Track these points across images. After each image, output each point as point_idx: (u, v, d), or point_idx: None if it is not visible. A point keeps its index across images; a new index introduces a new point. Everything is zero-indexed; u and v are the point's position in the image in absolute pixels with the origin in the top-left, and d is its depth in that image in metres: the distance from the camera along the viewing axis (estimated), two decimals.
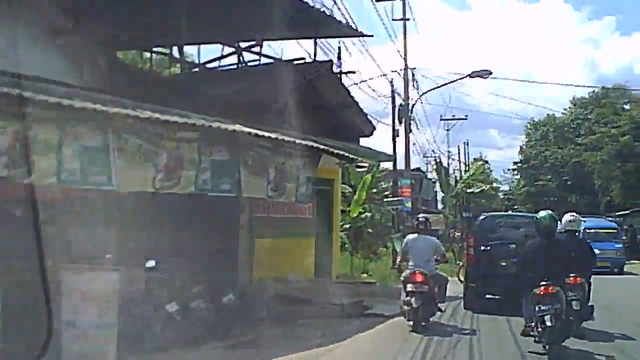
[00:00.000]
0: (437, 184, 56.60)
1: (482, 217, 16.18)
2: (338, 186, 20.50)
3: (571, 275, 10.33)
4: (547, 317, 9.07)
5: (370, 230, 33.18)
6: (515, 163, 71.94)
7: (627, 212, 46.53)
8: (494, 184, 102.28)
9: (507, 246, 14.02)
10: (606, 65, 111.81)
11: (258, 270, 14.01)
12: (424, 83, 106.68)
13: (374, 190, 35.74)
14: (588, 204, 61.79)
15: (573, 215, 11.74)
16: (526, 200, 68.97)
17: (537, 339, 9.47)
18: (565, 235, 11.41)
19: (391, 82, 25.61)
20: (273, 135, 10.97)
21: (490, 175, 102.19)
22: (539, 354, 9.25)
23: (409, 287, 11.22)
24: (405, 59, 26.65)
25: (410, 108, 26.80)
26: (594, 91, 67.16)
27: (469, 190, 36.43)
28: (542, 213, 10.39)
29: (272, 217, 15.25)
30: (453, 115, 53.17)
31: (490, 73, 25.80)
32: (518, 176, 73.94)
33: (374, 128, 19.92)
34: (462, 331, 11.30)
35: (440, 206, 63.95)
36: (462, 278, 16.97)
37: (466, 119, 52.51)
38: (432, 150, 38.24)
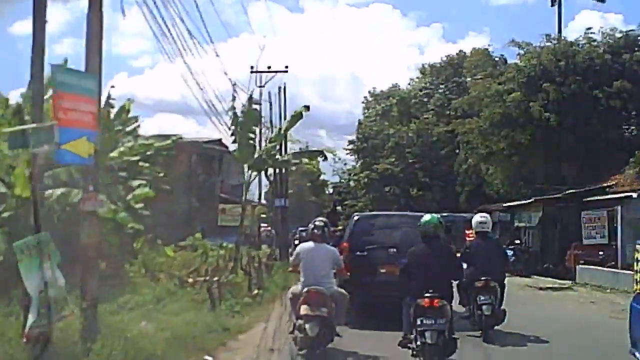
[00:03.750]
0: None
1: (355, 217, 14.07)
2: None
3: (482, 278, 10.76)
4: (428, 334, 8.25)
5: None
6: (350, 142, 56.81)
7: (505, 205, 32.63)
8: (322, 177, 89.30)
9: (386, 251, 12.48)
10: None
11: None
12: None
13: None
14: (445, 194, 48.21)
15: (484, 216, 11.96)
16: (365, 189, 54.15)
17: (414, 353, 8.62)
18: (477, 237, 11.68)
19: None
20: None
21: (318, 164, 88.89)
22: None
23: (304, 309, 8.99)
24: None
25: None
26: (448, 55, 54.15)
27: (282, 158, 19.81)
28: (426, 216, 9.37)
29: None
30: (269, 67, 36.66)
31: None
32: (354, 159, 59.11)
33: None
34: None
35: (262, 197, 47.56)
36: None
37: (287, 71, 36.18)
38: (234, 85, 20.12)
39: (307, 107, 19.31)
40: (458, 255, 11.05)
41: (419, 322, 8.33)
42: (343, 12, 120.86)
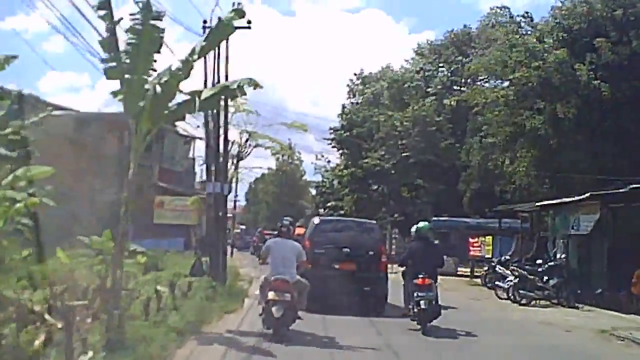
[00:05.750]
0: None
1: (315, 220, 15.99)
2: None
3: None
4: (422, 302, 11.63)
5: None
6: (333, 130, 48.16)
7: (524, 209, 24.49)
8: (304, 178, 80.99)
9: (340, 250, 14.44)
10: None
11: None
12: None
13: None
14: (446, 195, 39.93)
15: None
16: (348, 187, 45.80)
17: (412, 318, 12.03)
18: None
19: None
20: None
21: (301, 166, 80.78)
22: (415, 330, 11.72)
23: (271, 294, 10.48)
24: None
25: None
26: (451, 31, 45.89)
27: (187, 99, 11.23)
28: (421, 224, 13.21)
29: None
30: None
31: None
32: (338, 154, 50.55)
33: None
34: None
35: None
36: None
37: (249, 27, 27.61)
38: None
39: (241, 11, 10.84)
40: None
41: (415, 295, 11.73)
42: (335, 16, 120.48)
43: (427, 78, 45.28)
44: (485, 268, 23.64)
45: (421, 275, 11.74)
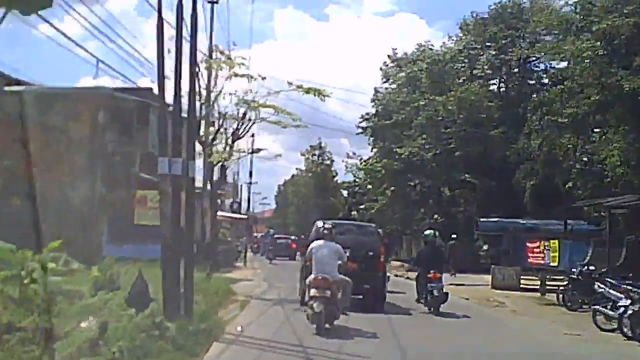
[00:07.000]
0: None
1: (319, 224, 16.33)
2: None
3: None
4: (435, 291, 15.09)
5: None
6: (365, 118, 42.36)
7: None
8: (336, 179, 75.67)
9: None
10: None
11: None
12: None
13: None
14: (499, 193, 34.02)
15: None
16: (382, 182, 40.00)
17: (424, 304, 15.61)
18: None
19: None
20: None
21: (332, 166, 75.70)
22: (426, 313, 15.06)
23: (312, 291, 11.55)
24: None
25: None
26: (499, 3, 39.71)
27: None
28: (427, 231, 18.46)
29: None
30: None
31: None
32: (371, 146, 44.70)
33: None
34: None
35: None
36: None
37: None
38: None
39: None
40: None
41: (429, 286, 15.23)
42: (368, 21, 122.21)
43: (472, 57, 39.36)
44: (566, 282, 17.72)
45: (432, 271, 15.28)
